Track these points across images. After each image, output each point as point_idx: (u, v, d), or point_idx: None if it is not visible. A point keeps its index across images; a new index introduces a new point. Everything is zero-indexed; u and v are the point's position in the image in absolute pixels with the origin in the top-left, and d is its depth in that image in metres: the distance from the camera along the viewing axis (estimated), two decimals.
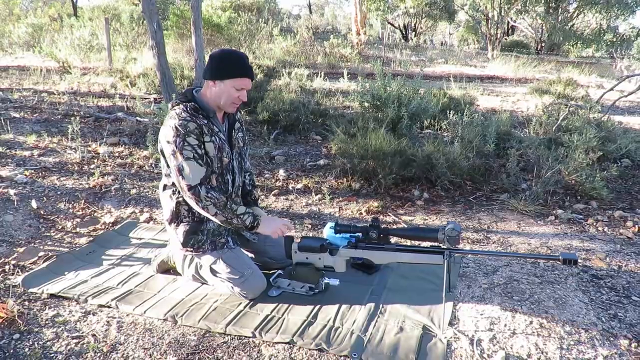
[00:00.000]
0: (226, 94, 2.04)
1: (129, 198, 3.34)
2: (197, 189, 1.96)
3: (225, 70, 2.02)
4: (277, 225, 2.10)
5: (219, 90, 2.04)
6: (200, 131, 2.00)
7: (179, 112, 2.01)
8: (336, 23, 28.42)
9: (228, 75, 2.02)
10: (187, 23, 10.50)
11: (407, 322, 1.95)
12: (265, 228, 2.08)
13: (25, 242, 2.67)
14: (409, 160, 3.67)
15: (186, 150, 1.96)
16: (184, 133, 1.96)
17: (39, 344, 1.82)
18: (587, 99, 6.77)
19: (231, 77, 2.02)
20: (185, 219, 2.10)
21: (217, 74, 2.02)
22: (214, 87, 2.04)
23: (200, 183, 1.97)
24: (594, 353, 1.80)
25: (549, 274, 2.40)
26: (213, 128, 2.07)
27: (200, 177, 1.97)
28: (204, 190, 1.96)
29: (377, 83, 5.10)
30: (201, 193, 1.96)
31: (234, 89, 2.03)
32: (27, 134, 4.47)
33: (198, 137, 1.99)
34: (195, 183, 1.96)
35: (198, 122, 2.00)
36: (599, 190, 3.41)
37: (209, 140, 2.03)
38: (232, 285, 2.09)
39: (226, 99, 2.05)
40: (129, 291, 2.19)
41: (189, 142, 1.96)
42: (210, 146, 2.04)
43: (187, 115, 2.00)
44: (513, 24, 19.48)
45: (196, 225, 2.10)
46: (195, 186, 1.96)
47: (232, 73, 2.02)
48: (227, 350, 1.81)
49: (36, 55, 10.02)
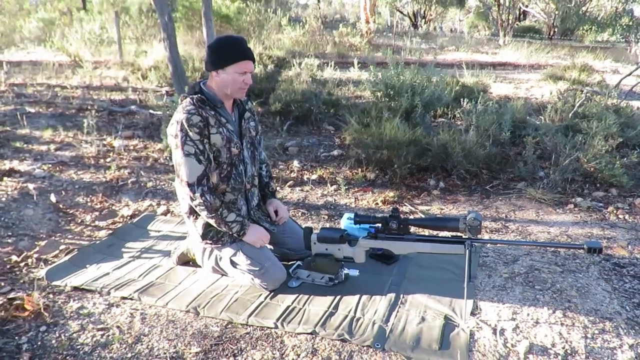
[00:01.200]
0: (231, 81, 2.03)
1: (146, 191, 3.37)
2: (193, 187, 1.97)
3: (224, 58, 2.00)
4: (259, 235, 2.12)
5: (223, 79, 2.03)
6: (205, 124, 1.99)
7: (184, 105, 2.01)
8: (344, 11, 28.16)
9: (228, 62, 2.00)
10: (195, 15, 10.48)
11: (428, 312, 1.95)
12: (250, 236, 2.10)
13: (46, 236, 2.70)
14: (424, 150, 3.65)
15: (187, 146, 1.96)
16: (187, 127, 1.95)
17: (65, 336, 1.85)
18: (603, 85, 6.64)
19: (231, 63, 2.00)
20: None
21: (217, 63, 2.01)
22: (217, 77, 2.03)
23: (197, 182, 1.97)
24: (619, 342, 1.79)
25: (570, 263, 2.38)
26: (220, 119, 2.06)
27: (197, 175, 1.97)
28: (199, 191, 1.97)
29: (389, 72, 5.05)
30: (196, 193, 1.97)
31: (237, 74, 2.02)
32: (42, 128, 4.51)
33: (201, 130, 1.97)
34: (192, 181, 1.97)
35: (203, 115, 1.99)
36: (619, 178, 3.35)
37: (215, 132, 2.02)
38: (252, 277, 2.10)
39: (232, 86, 2.04)
40: (150, 283, 2.21)
41: (190, 137, 1.96)
42: (217, 137, 2.03)
43: (193, 108, 1.99)
44: (525, 9, 19.13)
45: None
46: (193, 184, 1.97)
47: (231, 59, 2.00)
48: (250, 341, 1.82)
49: (47, 49, 10.09)
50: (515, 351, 1.74)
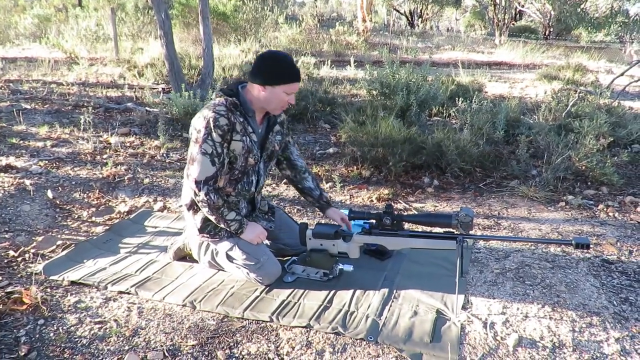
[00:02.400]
0: (277, 99, 2.01)
1: (143, 187, 3.39)
2: (199, 185, 1.97)
3: (278, 76, 1.98)
4: (257, 233, 2.14)
5: (269, 95, 2.00)
6: (230, 128, 1.98)
7: (217, 104, 2.00)
8: (341, 10, 28.17)
9: (281, 81, 1.98)
10: (192, 12, 10.48)
11: (421, 307, 1.99)
12: (247, 235, 2.12)
13: (43, 231, 2.72)
14: (418, 148, 3.69)
15: (206, 144, 1.95)
16: (212, 126, 1.94)
17: (63, 329, 1.88)
18: (597, 85, 6.71)
19: (284, 83, 1.99)
20: None
21: (269, 79, 1.98)
22: (263, 91, 2.00)
23: (204, 181, 1.97)
24: (605, 335, 1.83)
25: (560, 259, 2.42)
26: (247, 127, 2.05)
27: (206, 176, 1.97)
28: (204, 189, 1.98)
29: (385, 71, 5.09)
30: (201, 191, 1.98)
31: (285, 93, 2.00)
32: (39, 125, 4.52)
33: (225, 134, 1.96)
34: (200, 179, 1.97)
35: (231, 119, 1.98)
36: (610, 176, 3.41)
37: (238, 139, 2.01)
38: (248, 272, 2.14)
39: (276, 104, 2.03)
40: (147, 278, 2.24)
41: (212, 137, 1.95)
42: (238, 145, 2.02)
43: (223, 110, 1.97)
44: (520, 8, 19.23)
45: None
46: (200, 182, 1.97)
47: (285, 79, 1.99)
48: (246, 334, 1.86)
49: (43, 46, 10.06)
50: (504, 344, 1.78)
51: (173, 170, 3.72)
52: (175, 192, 3.35)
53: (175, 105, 4.78)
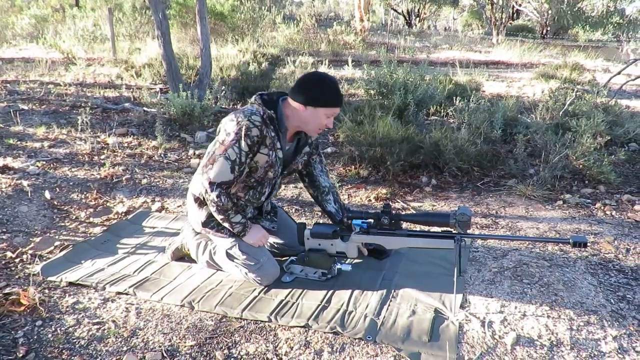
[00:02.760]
0: (316, 121, 1.98)
1: (140, 188, 3.38)
2: (213, 186, 1.96)
3: (323, 99, 1.95)
4: (259, 237, 2.14)
5: (308, 116, 1.97)
6: (260, 141, 1.95)
7: (253, 112, 1.95)
8: (339, 10, 28.17)
9: (324, 104, 1.95)
10: (190, 12, 10.47)
11: (419, 306, 1.99)
12: (250, 238, 2.12)
13: (40, 232, 2.72)
14: (416, 147, 3.69)
15: (232, 150, 1.92)
16: (243, 135, 1.91)
17: (61, 330, 1.88)
18: (594, 84, 6.73)
19: (327, 106, 1.96)
20: None
21: (312, 100, 1.94)
22: (304, 112, 1.96)
23: (219, 185, 1.95)
24: (603, 333, 1.84)
25: (558, 258, 2.43)
26: (276, 143, 2.01)
27: (222, 180, 1.95)
28: (216, 191, 1.96)
29: (383, 70, 5.09)
30: (213, 193, 1.96)
31: (325, 116, 1.98)
32: (36, 125, 4.51)
33: (253, 145, 1.94)
34: (215, 182, 1.95)
35: (264, 133, 1.95)
36: (607, 175, 3.42)
37: (265, 152, 1.99)
38: (247, 271, 2.13)
39: (314, 125, 2.00)
40: (145, 278, 2.24)
41: (240, 145, 1.92)
42: (263, 158, 2.00)
43: (259, 121, 1.93)
44: (518, 7, 19.25)
45: None
46: (214, 184, 1.95)
47: (329, 102, 1.96)
48: (244, 334, 1.86)
49: (40, 46, 10.04)
50: (502, 342, 1.79)
51: (171, 170, 3.72)
52: (173, 192, 3.35)
53: (173, 105, 4.78)
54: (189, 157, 4.01)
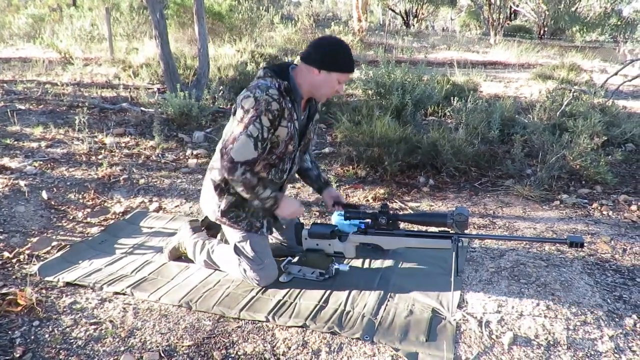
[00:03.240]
0: (329, 86, 1.97)
1: (138, 188, 3.38)
2: (237, 165, 1.90)
3: (338, 63, 1.94)
4: (293, 210, 2.10)
5: (322, 80, 1.96)
6: (280, 114, 1.92)
7: (269, 86, 1.92)
8: (337, 10, 28.16)
9: (339, 68, 1.94)
10: (187, 12, 10.45)
11: (416, 305, 2.00)
12: (283, 211, 2.07)
13: (38, 232, 2.71)
14: (414, 147, 3.70)
15: (254, 127, 1.88)
16: (263, 110, 1.87)
17: (58, 330, 1.87)
18: (591, 84, 6.75)
19: (341, 71, 1.95)
20: (232, 189, 2.06)
21: (328, 64, 1.93)
22: (317, 76, 1.95)
23: (243, 163, 1.90)
24: (599, 333, 1.85)
25: (555, 258, 2.44)
26: (293, 114, 2.00)
27: (246, 158, 1.90)
28: (241, 170, 1.90)
29: (380, 70, 5.10)
30: (238, 171, 1.90)
31: (337, 81, 1.97)
32: (33, 125, 4.50)
33: (274, 119, 1.91)
34: (239, 160, 1.90)
35: (282, 105, 1.92)
36: (604, 175, 3.43)
37: (285, 125, 1.96)
38: (248, 269, 2.11)
39: (326, 90, 1.99)
40: (143, 279, 2.23)
41: (261, 121, 1.88)
42: (284, 131, 1.97)
43: (277, 94, 1.90)
44: (515, 8, 19.28)
45: (241, 200, 2.08)
46: (237, 163, 1.90)
47: (344, 67, 1.95)
48: (242, 334, 1.86)
49: (37, 46, 10.00)
50: (499, 342, 1.79)
51: (168, 170, 3.71)
52: (170, 192, 3.35)
53: (171, 105, 4.77)
54: (186, 157, 4.00)
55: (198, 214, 2.99)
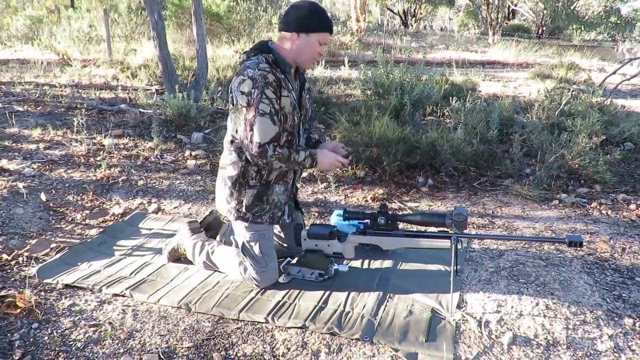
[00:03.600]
0: (310, 49, 1.96)
1: (137, 189, 3.37)
2: (265, 147, 1.88)
3: (314, 24, 1.93)
4: (332, 160, 2.05)
5: (302, 44, 1.95)
6: (278, 84, 1.91)
7: (258, 63, 1.91)
8: (335, 10, 28.18)
9: (317, 29, 1.93)
10: (185, 13, 10.45)
11: (416, 306, 1.99)
12: (323, 164, 2.03)
13: (36, 234, 2.71)
14: (413, 147, 3.70)
15: (263, 104, 1.86)
16: (263, 84, 1.86)
17: (57, 333, 1.87)
18: (589, 83, 6.75)
19: (319, 31, 1.94)
20: (253, 181, 2.05)
21: (305, 26, 1.92)
22: (297, 40, 1.94)
23: (269, 142, 1.88)
24: (599, 332, 1.85)
25: (554, 257, 2.44)
26: (289, 84, 1.98)
27: (271, 136, 1.88)
28: (271, 149, 1.89)
29: (379, 70, 5.10)
30: (268, 152, 1.89)
31: (318, 43, 1.96)
32: (31, 127, 4.49)
33: (276, 90, 1.89)
34: (265, 141, 1.88)
35: (277, 75, 1.91)
36: (603, 174, 3.43)
37: (286, 94, 1.94)
38: (250, 269, 2.10)
39: (308, 54, 1.97)
40: (142, 280, 2.23)
41: (267, 95, 1.86)
42: (287, 101, 1.95)
43: (268, 67, 1.90)
44: (513, 7, 19.31)
45: (263, 190, 2.06)
46: (264, 144, 1.88)
47: (321, 27, 1.94)
48: (242, 335, 1.86)
49: (35, 48, 9.99)
50: (499, 342, 1.79)
51: (167, 171, 3.71)
52: (169, 193, 3.35)
53: (169, 106, 4.77)
54: (185, 159, 4.00)
55: (197, 215, 2.99)
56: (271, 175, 2.06)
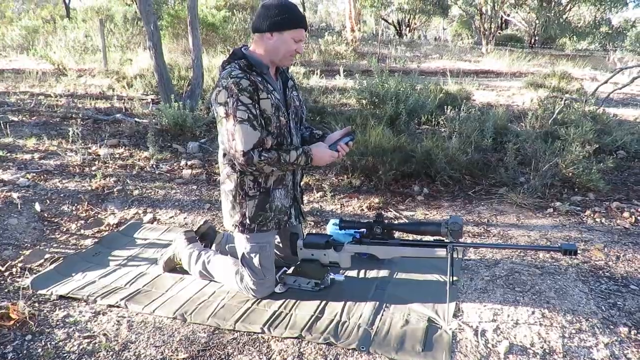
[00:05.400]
0: (285, 47, 1.95)
1: (132, 199, 3.36)
2: (250, 154, 1.87)
3: (286, 21, 1.91)
4: (328, 154, 2.04)
5: (277, 43, 1.94)
6: (254, 88, 1.90)
7: (230, 71, 1.91)
8: (330, 20, 28.39)
9: (288, 26, 1.92)
10: (181, 23, 10.49)
11: (412, 315, 1.99)
12: (318, 161, 2.02)
13: (30, 245, 2.69)
14: (408, 156, 3.71)
15: (240, 111, 1.86)
16: (237, 92, 1.86)
17: (51, 344, 1.85)
18: (582, 92, 6.82)
19: (292, 28, 1.92)
20: (252, 191, 2.03)
21: (277, 25, 1.91)
22: (270, 40, 1.94)
23: (252, 148, 1.88)
24: (594, 341, 1.85)
25: (549, 265, 2.45)
26: (267, 86, 1.97)
27: (253, 142, 1.88)
28: (256, 155, 1.88)
29: (374, 80, 5.13)
30: (254, 158, 1.88)
31: (293, 40, 1.94)
32: (26, 137, 4.48)
33: (252, 94, 1.89)
34: (248, 149, 1.87)
35: (252, 79, 1.91)
36: (596, 182, 3.46)
37: (265, 97, 1.93)
38: (248, 279, 2.09)
39: (284, 52, 1.96)
40: (137, 291, 2.22)
41: (242, 102, 1.86)
42: (267, 103, 1.93)
43: (240, 72, 1.90)
44: (506, 18, 19.53)
45: (264, 198, 2.05)
46: (249, 152, 1.87)
47: (292, 23, 1.92)
48: (237, 346, 1.85)
49: (30, 57, 9.98)
50: (495, 351, 1.79)
51: (163, 181, 3.70)
52: (165, 203, 3.34)
53: (165, 116, 4.77)
54: (180, 168, 4.00)
55: (193, 225, 2.98)
56: (269, 182, 2.05)
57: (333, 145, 2.09)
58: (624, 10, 17.99)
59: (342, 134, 2.15)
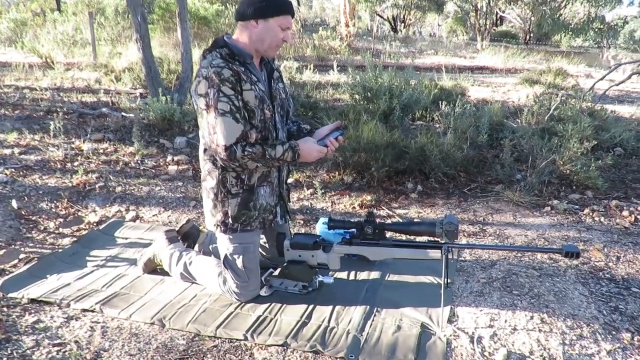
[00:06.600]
0: (271, 35, 1.84)
1: (114, 196, 3.23)
2: (232, 149, 1.76)
3: (271, 8, 1.80)
4: (317, 149, 1.92)
5: (262, 31, 1.83)
6: (237, 78, 1.78)
7: (211, 60, 1.79)
8: (325, 15, 28.18)
9: (274, 13, 1.81)
10: (173, 16, 10.30)
11: (404, 321, 1.88)
12: (307, 157, 1.91)
13: (5, 244, 2.55)
14: (401, 153, 3.60)
15: (221, 103, 1.75)
16: (218, 82, 1.75)
17: (17, 353, 1.72)
18: (578, 89, 6.74)
19: (277, 15, 1.82)
20: (234, 188, 1.91)
21: (261, 11, 1.80)
22: (255, 28, 1.83)
23: (235, 142, 1.76)
24: (597, 348, 1.75)
25: (548, 267, 2.35)
26: (251, 76, 1.85)
27: (236, 136, 1.76)
28: (239, 149, 1.77)
29: (368, 75, 5.01)
30: (237, 153, 1.77)
31: (280, 28, 1.84)
32: (7, 131, 4.32)
33: (234, 85, 1.77)
34: (231, 143, 1.76)
35: (234, 69, 1.79)
36: (594, 180, 3.37)
37: (248, 88, 1.81)
38: (231, 282, 1.98)
39: (271, 41, 1.85)
40: (114, 294, 2.09)
41: (224, 93, 1.75)
42: (250, 95, 1.82)
43: (222, 62, 1.78)
44: (502, 14, 19.45)
45: (247, 196, 1.93)
46: (231, 146, 1.76)
47: (278, 10, 1.82)
48: (218, 354, 1.73)
49: (19, 51, 9.76)
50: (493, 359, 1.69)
51: (147, 177, 3.57)
52: (148, 200, 3.21)
53: (152, 110, 4.63)
54: (167, 164, 3.86)
55: (177, 223, 2.85)
56: (253, 179, 1.93)
57: (322, 140, 1.97)
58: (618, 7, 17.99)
59: (331, 128, 2.04)
